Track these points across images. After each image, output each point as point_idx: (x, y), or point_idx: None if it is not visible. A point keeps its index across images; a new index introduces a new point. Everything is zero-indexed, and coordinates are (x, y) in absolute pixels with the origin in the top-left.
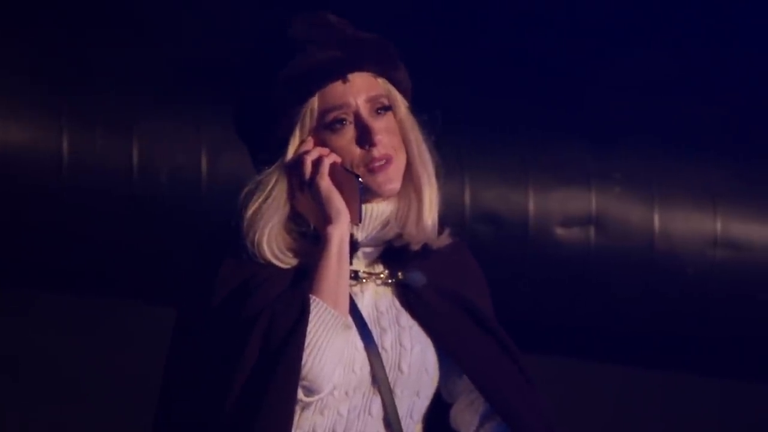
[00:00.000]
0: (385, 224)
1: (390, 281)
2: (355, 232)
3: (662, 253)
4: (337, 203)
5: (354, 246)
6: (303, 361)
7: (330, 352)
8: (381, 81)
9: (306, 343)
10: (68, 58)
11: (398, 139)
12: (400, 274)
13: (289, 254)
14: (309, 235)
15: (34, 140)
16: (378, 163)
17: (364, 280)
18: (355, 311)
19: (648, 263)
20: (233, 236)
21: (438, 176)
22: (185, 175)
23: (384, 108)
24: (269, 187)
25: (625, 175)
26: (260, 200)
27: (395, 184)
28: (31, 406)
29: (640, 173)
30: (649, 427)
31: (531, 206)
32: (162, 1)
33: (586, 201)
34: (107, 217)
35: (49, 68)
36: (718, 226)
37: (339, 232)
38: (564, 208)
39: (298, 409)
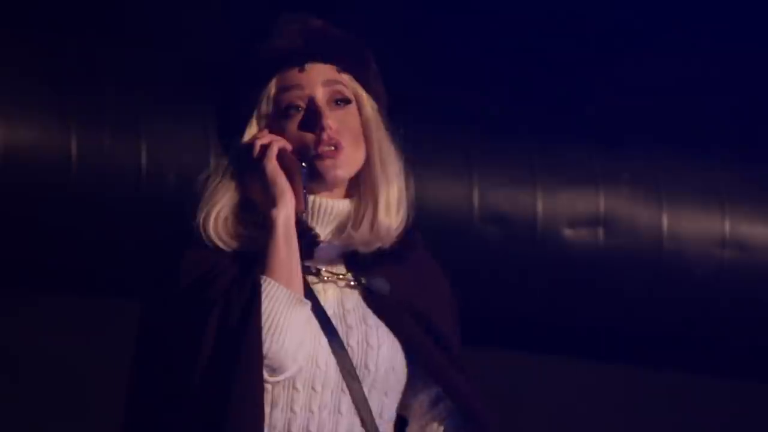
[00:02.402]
0: (344, 224)
1: (353, 283)
2: (315, 227)
3: (670, 253)
4: (282, 185)
5: (314, 240)
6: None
7: (288, 329)
8: (346, 77)
9: (262, 323)
10: (76, 59)
11: (356, 134)
12: (363, 279)
13: (236, 240)
14: (262, 225)
15: (42, 141)
16: (326, 148)
17: (326, 278)
18: (317, 307)
19: (656, 264)
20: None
21: (406, 183)
22: (193, 176)
23: (344, 100)
24: (221, 172)
25: (633, 175)
26: (213, 184)
27: (341, 172)
28: (32, 407)
29: (648, 174)
30: (656, 427)
31: (539, 207)
32: (170, 2)
33: (594, 202)
34: (115, 218)
35: (56, 69)
36: (726, 226)
37: (284, 213)
38: (572, 208)
39: (268, 407)
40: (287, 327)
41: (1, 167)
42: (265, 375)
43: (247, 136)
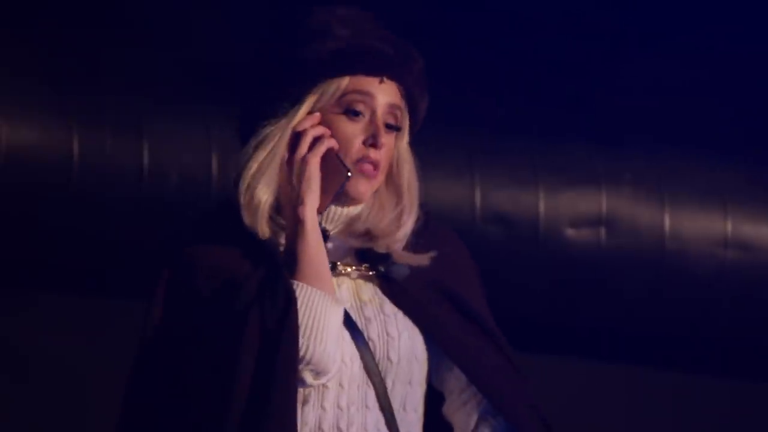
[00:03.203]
0: (351, 224)
1: (371, 274)
2: (322, 222)
3: (672, 253)
4: (314, 184)
5: (325, 235)
6: (304, 347)
7: (328, 331)
8: (403, 104)
9: (302, 329)
10: (78, 59)
11: (389, 161)
12: (381, 267)
13: (269, 229)
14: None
15: (43, 141)
16: (368, 165)
17: (342, 271)
18: None
19: (658, 264)
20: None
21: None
22: (195, 176)
23: (395, 128)
24: (269, 147)
25: (636, 175)
26: (261, 158)
27: (366, 195)
28: (32, 406)
29: (650, 174)
30: (658, 427)
31: (541, 207)
32: (171, 2)
33: (597, 202)
34: (117, 218)
35: (58, 69)
36: (729, 226)
37: (310, 215)
38: (574, 208)
39: (299, 405)
40: (327, 330)
41: (2, 167)
42: (310, 379)
43: (299, 116)
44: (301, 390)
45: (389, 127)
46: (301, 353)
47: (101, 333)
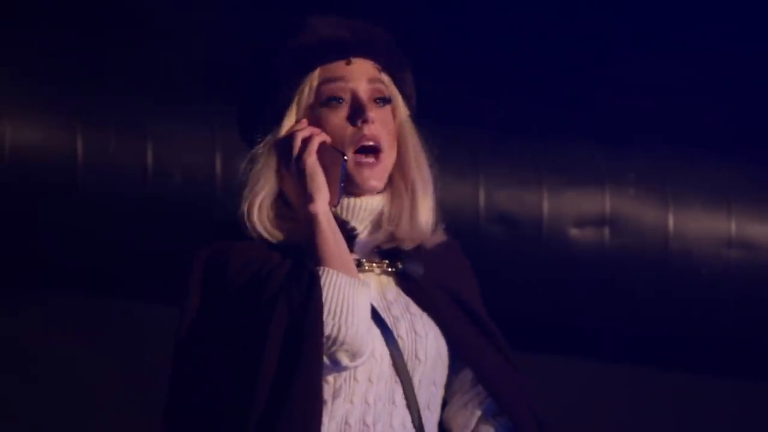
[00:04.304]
0: (378, 220)
1: (390, 270)
2: (351, 221)
3: (676, 253)
4: (319, 181)
5: (352, 234)
6: (336, 328)
7: (357, 311)
8: (386, 77)
9: (331, 311)
10: (82, 59)
11: (392, 136)
12: (399, 264)
13: (279, 232)
14: (298, 219)
15: (47, 141)
16: (366, 144)
17: (366, 268)
18: None
19: (662, 264)
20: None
21: (435, 187)
22: (199, 176)
23: (384, 99)
24: (260, 162)
25: (639, 175)
26: (254, 173)
27: (378, 183)
28: (36, 406)
29: (654, 174)
30: (660, 427)
31: (545, 207)
32: (175, 2)
33: (600, 201)
34: (121, 218)
35: (63, 69)
36: (733, 226)
37: (322, 208)
38: (578, 208)
39: (330, 398)
40: (356, 310)
41: (7, 167)
42: (346, 360)
43: (286, 126)
44: (332, 382)
45: (378, 100)
46: (334, 334)
47: (103, 333)
